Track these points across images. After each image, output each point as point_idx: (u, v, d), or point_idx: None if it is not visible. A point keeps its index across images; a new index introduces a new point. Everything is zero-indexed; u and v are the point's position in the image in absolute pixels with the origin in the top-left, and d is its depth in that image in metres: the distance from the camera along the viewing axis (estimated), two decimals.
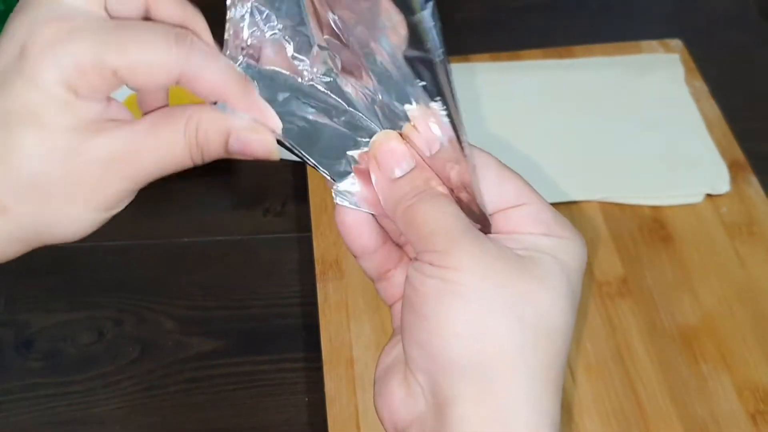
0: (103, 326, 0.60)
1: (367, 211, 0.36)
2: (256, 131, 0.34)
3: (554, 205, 0.37)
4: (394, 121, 0.35)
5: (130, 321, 0.60)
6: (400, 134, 0.35)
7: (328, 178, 0.36)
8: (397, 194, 0.34)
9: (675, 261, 0.62)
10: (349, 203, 0.36)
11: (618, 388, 0.55)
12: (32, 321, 0.59)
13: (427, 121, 0.33)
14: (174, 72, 0.32)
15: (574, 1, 0.85)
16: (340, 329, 0.58)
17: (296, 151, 0.35)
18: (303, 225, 0.64)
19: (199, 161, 0.34)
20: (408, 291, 0.33)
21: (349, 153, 0.36)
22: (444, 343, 0.31)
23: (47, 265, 0.62)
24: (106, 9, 0.33)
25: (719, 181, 0.66)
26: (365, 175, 0.35)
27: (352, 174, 0.36)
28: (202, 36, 0.34)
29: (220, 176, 0.68)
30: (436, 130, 0.33)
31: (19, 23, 0.32)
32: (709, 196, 0.66)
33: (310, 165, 0.36)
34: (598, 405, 0.55)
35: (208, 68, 0.33)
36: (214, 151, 0.34)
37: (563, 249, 0.33)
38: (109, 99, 0.33)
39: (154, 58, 0.32)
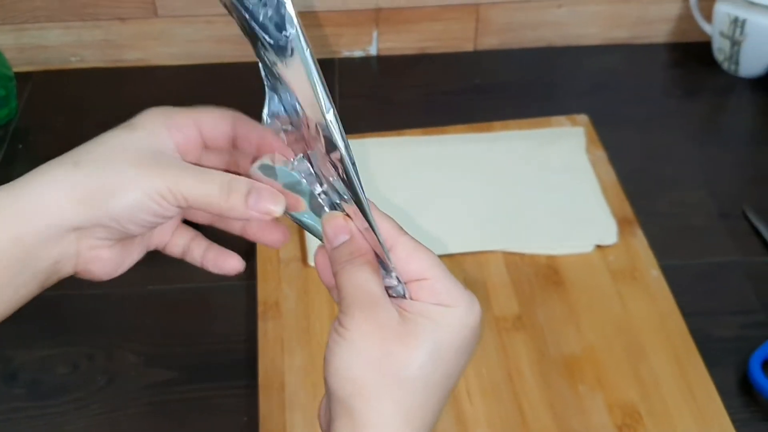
0: (78, 360, 0.70)
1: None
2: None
3: (464, 254, 0.47)
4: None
5: (101, 356, 0.71)
6: (346, 214, 0.45)
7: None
8: (334, 258, 0.44)
9: (564, 301, 0.73)
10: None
11: (507, 407, 0.65)
12: (16, 356, 0.70)
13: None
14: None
15: (498, 84, 0.98)
16: (275, 359, 0.68)
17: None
18: (250, 273, 0.75)
19: (227, 207, 0.45)
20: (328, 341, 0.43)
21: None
22: (331, 379, 0.42)
23: (32, 309, 0.73)
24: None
25: (608, 234, 0.78)
26: None
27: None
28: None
29: None
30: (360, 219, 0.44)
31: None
32: (599, 246, 0.77)
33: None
34: (489, 421, 0.65)
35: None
36: (239, 201, 0.45)
37: (443, 316, 0.42)
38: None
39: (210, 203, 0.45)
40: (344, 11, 0.98)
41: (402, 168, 0.85)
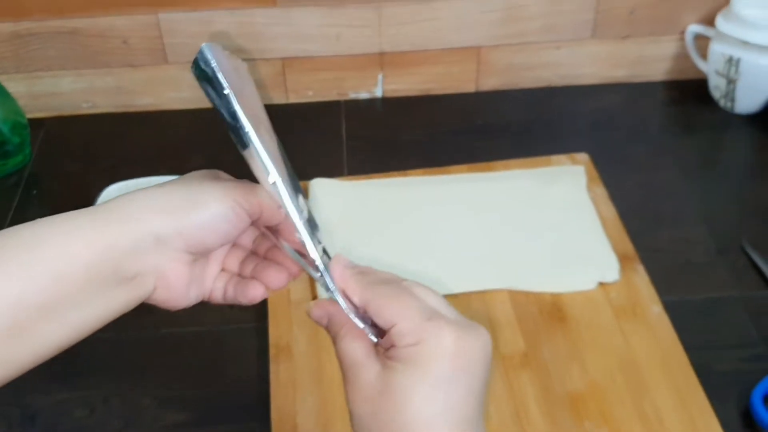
0: (94, 403, 0.72)
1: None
2: None
3: (470, 293, 0.51)
4: None
5: (116, 399, 0.72)
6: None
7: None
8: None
9: (569, 338, 0.74)
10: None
11: None
12: (35, 400, 0.72)
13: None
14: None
15: (499, 124, 1.00)
16: (287, 402, 0.70)
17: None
18: (262, 315, 0.77)
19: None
20: None
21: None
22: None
23: None
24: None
25: (610, 271, 0.79)
26: None
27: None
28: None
29: None
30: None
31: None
32: (601, 283, 0.79)
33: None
34: None
35: None
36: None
37: (416, 355, 0.43)
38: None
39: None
40: (350, 56, 1.01)
41: (406, 208, 0.87)
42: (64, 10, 0.96)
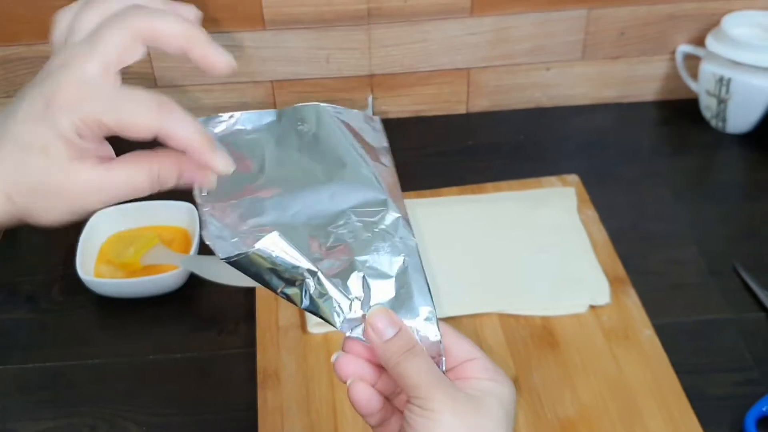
0: (81, 431, 0.71)
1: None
2: (200, 170, 0.48)
3: (460, 317, 0.53)
4: None
5: (103, 427, 0.71)
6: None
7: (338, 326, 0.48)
8: (388, 352, 0.47)
9: (559, 362, 0.74)
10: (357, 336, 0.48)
11: None
12: (21, 428, 0.71)
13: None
14: (151, 131, 0.45)
15: (490, 146, 1.00)
16: (275, 428, 0.69)
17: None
18: (250, 341, 0.77)
19: (156, 191, 0.47)
20: (405, 426, 0.46)
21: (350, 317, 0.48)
22: None
23: (35, 381, 0.75)
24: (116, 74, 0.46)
25: (601, 294, 0.79)
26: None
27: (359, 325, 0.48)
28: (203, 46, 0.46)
29: (180, 302, 0.81)
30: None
31: (50, 80, 0.45)
32: (592, 306, 0.78)
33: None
34: None
35: (180, 130, 0.45)
36: (168, 186, 0.48)
37: (501, 390, 0.48)
38: (102, 140, 0.46)
39: (137, 120, 0.45)
40: (340, 78, 1.01)
41: None
42: None
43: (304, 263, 0.47)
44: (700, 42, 0.99)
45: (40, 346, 0.78)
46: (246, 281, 0.48)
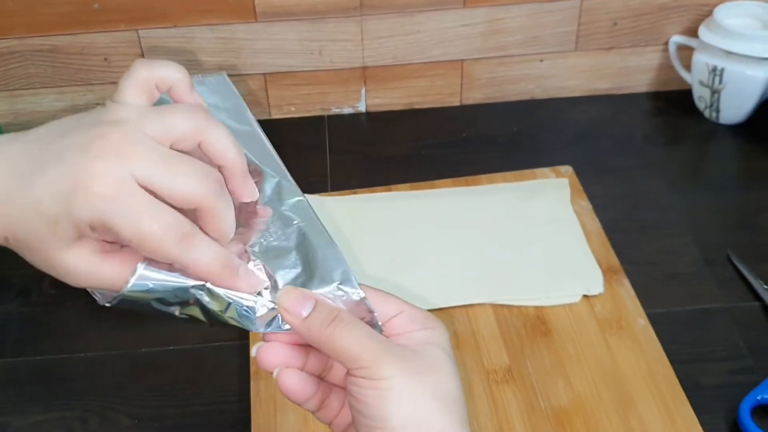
0: (72, 425, 0.71)
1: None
2: None
3: (454, 307, 0.51)
4: None
5: (95, 419, 0.71)
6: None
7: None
8: (313, 330, 0.43)
9: (552, 352, 0.73)
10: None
11: None
12: (11, 422, 0.71)
13: None
14: (167, 260, 0.42)
15: (483, 138, 1.00)
16: (268, 419, 0.69)
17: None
18: (243, 332, 0.76)
19: None
20: (352, 402, 0.43)
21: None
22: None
23: (26, 375, 0.74)
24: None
25: (594, 284, 0.78)
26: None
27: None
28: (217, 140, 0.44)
29: None
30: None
31: (92, 148, 0.40)
32: (585, 296, 0.78)
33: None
34: None
35: (199, 263, 0.42)
36: None
37: (437, 335, 0.46)
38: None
39: (155, 248, 0.41)
40: (333, 70, 1.01)
41: (391, 223, 0.86)
42: (43, 27, 0.95)
43: (186, 281, 0.43)
44: (693, 32, 0.99)
45: (31, 339, 0.78)
46: None
